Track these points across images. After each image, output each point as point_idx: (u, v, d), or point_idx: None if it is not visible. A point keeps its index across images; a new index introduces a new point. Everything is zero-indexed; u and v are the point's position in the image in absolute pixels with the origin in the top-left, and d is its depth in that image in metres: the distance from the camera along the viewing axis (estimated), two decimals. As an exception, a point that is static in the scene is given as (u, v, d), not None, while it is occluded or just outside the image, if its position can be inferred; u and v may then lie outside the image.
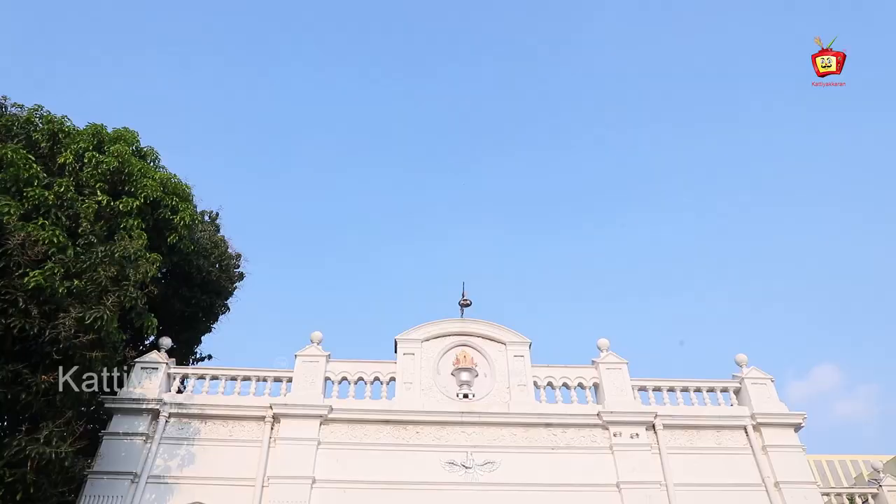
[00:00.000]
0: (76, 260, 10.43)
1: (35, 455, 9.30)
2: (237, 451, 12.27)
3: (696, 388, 14.24)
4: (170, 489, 11.74)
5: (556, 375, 14.03)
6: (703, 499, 12.42)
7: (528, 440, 12.89)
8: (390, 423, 12.83)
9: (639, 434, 13.05)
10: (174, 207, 13.36)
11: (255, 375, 13.48)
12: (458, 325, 14.56)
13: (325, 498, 11.75)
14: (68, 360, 10.00)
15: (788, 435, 13.48)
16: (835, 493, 17.29)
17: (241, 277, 17.24)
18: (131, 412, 12.40)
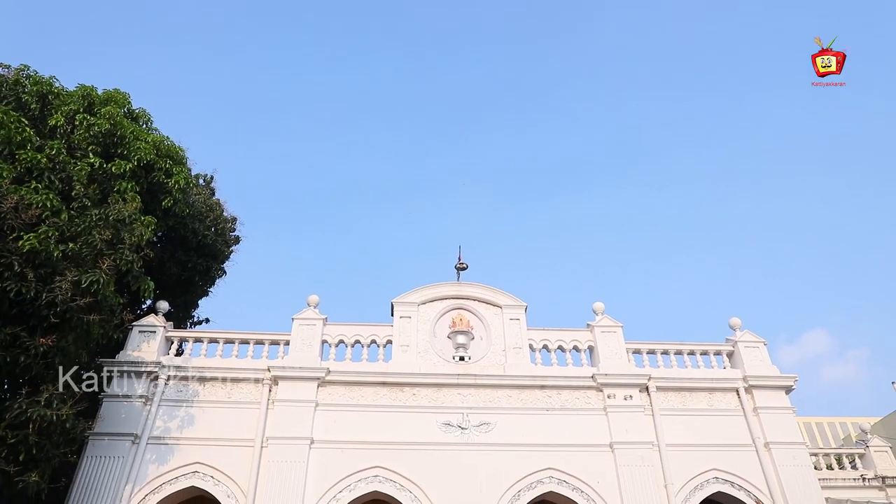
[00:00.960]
0: (70, 223, 10.37)
1: (36, 417, 9.40)
2: (236, 413, 12.43)
3: (689, 350, 14.42)
4: (170, 450, 11.92)
5: (551, 338, 14.16)
6: (695, 458, 12.69)
7: (523, 402, 13.08)
8: (387, 385, 12.98)
9: (632, 396, 13.25)
10: (168, 170, 13.24)
11: (252, 338, 13.57)
12: (454, 289, 14.61)
13: (324, 458, 11.96)
14: (66, 323, 10.03)
15: (779, 397, 13.70)
16: (823, 454, 17.71)
17: (238, 241, 17.22)
18: (130, 374, 12.51)
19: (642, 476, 12.27)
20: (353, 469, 11.88)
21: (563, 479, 12.21)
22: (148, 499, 11.40)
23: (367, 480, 11.85)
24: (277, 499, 11.35)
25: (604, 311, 14.58)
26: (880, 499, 15.96)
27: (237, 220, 17.24)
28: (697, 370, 14.09)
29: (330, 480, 11.72)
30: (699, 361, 14.28)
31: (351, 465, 11.92)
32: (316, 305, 14.00)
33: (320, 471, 11.80)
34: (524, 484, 12.05)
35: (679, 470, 12.51)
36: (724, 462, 12.76)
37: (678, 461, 12.61)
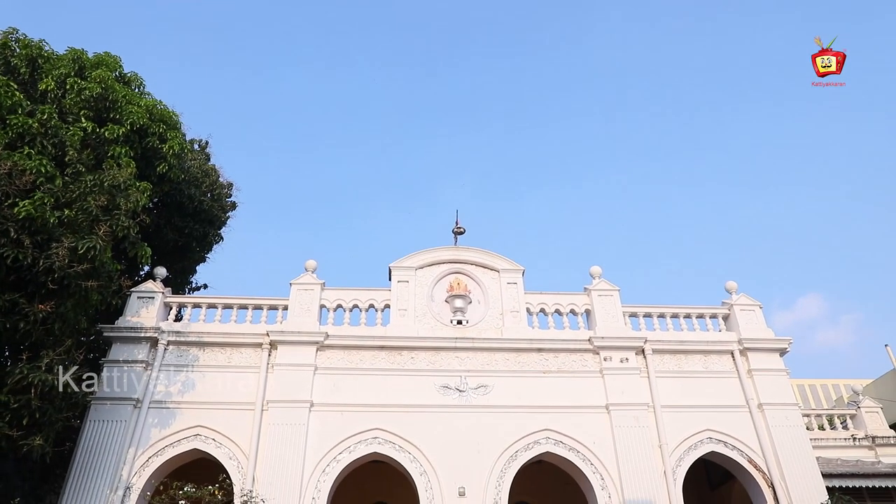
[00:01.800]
0: (65, 189, 10.31)
1: (38, 382, 9.49)
2: (236, 377, 12.56)
3: (685, 314, 14.51)
4: (172, 413, 12.07)
5: (548, 302, 14.24)
6: (689, 419, 12.89)
7: (520, 364, 13.21)
8: (385, 349, 13.09)
9: (628, 358, 13.39)
10: (162, 135, 13.09)
11: (251, 303, 13.62)
12: (451, 253, 14.62)
13: (323, 420, 12.13)
14: (64, 289, 10.05)
15: (774, 359, 13.85)
16: (815, 415, 18.02)
17: (234, 207, 17.15)
18: (130, 340, 12.60)
19: (637, 437, 12.48)
20: (353, 431, 12.07)
21: (560, 439, 12.42)
22: (151, 461, 11.59)
23: (367, 442, 12.04)
24: (279, 460, 11.55)
25: (601, 275, 14.63)
26: (870, 458, 16.30)
27: (233, 185, 17.16)
28: (693, 333, 14.22)
29: (330, 442, 11.91)
30: (695, 324, 14.40)
31: (350, 427, 12.10)
32: (314, 270, 14.02)
33: (320, 433, 11.98)
34: (521, 445, 12.26)
35: (674, 430, 12.71)
36: (718, 423, 12.96)
37: (673, 422, 12.80)
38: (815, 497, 11.77)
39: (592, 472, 12.17)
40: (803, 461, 12.55)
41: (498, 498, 11.69)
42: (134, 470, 11.44)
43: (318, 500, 11.39)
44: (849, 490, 12.13)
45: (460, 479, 11.74)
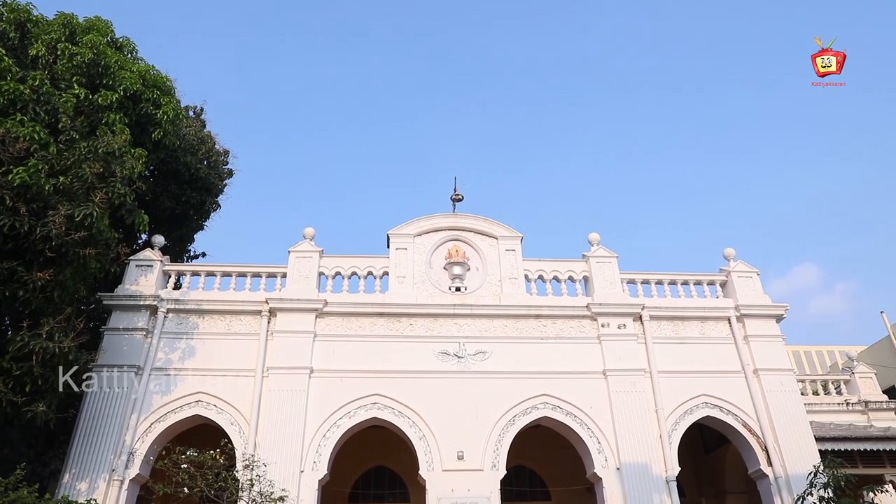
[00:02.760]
0: (59, 157, 10.21)
1: (39, 349, 9.54)
2: (236, 344, 12.64)
3: (683, 281, 14.56)
4: (173, 380, 12.17)
5: (546, 269, 14.27)
6: (685, 384, 13.04)
7: (518, 331, 13.30)
8: (384, 316, 13.15)
9: (626, 325, 13.47)
10: (156, 101, 12.92)
11: (249, 271, 13.64)
12: (450, 220, 14.59)
13: (323, 386, 12.24)
14: (62, 257, 10.03)
15: (770, 325, 13.95)
16: (809, 380, 18.23)
17: (231, 174, 17.04)
18: (129, 308, 12.64)
19: (634, 401, 12.63)
20: (353, 397, 12.20)
21: (557, 404, 12.57)
22: (154, 427, 11.74)
23: (367, 407, 12.18)
24: (279, 425, 11.70)
25: (599, 242, 14.64)
26: (862, 422, 16.56)
27: (229, 152, 17.01)
28: (690, 300, 14.28)
29: (330, 408, 12.05)
30: (692, 291, 14.46)
31: (350, 393, 12.22)
32: (312, 238, 14.00)
33: (320, 399, 12.11)
34: (519, 410, 12.42)
35: (670, 395, 12.87)
36: (714, 388, 13.12)
37: (669, 387, 12.95)
38: (807, 460, 11.96)
39: (589, 436, 12.36)
40: (797, 425, 12.74)
41: (496, 461, 11.88)
42: (137, 435, 11.58)
43: (318, 463, 11.57)
44: (841, 453, 12.33)
45: (459, 443, 11.91)
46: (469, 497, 11.49)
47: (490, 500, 11.54)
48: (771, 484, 12.29)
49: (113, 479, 11.12)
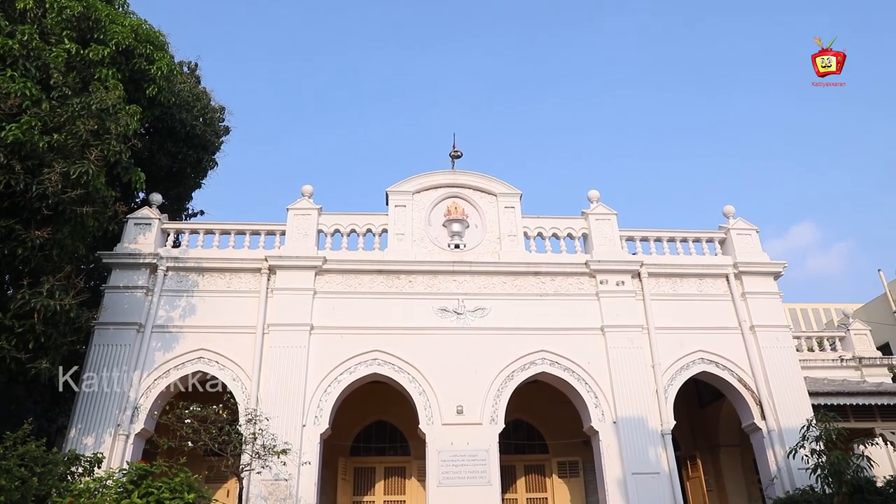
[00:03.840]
0: (52, 113, 10.07)
1: (40, 307, 9.59)
2: (236, 302, 12.70)
3: (682, 238, 14.56)
4: (174, 338, 12.27)
5: (545, 226, 14.25)
6: (682, 341, 13.16)
7: (517, 287, 13.35)
8: (383, 273, 13.19)
9: (624, 282, 13.53)
10: (149, 56, 12.67)
11: (248, 229, 13.62)
12: (449, 177, 14.50)
13: (324, 342, 12.36)
14: (59, 215, 10.00)
15: (768, 283, 14.01)
16: (805, 337, 18.43)
17: (227, 131, 16.85)
18: (129, 266, 12.66)
19: (631, 357, 12.78)
20: (353, 353, 12.32)
21: (555, 360, 12.72)
22: (157, 383, 11.89)
23: (367, 363, 12.32)
24: (281, 381, 11.85)
25: (599, 199, 14.58)
26: (855, 377, 16.81)
27: (225, 109, 16.80)
28: (689, 257, 14.31)
29: (331, 364, 12.18)
30: (691, 248, 14.47)
31: (350, 349, 12.35)
32: (310, 195, 13.93)
33: (321, 355, 12.24)
34: (518, 365, 12.57)
35: (666, 351, 13.01)
36: (710, 344, 13.25)
37: (666, 343, 13.08)
38: (800, 414, 12.17)
39: (587, 391, 12.54)
40: (791, 380, 12.91)
41: (495, 415, 12.08)
42: (141, 391, 11.74)
43: (320, 418, 11.77)
44: (834, 407, 12.53)
45: (458, 397, 12.09)
46: (468, 450, 11.73)
47: (489, 452, 11.77)
48: (764, 437, 12.52)
49: (118, 434, 11.32)
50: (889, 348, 23.69)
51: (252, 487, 10.88)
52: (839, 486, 10.32)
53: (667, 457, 12.05)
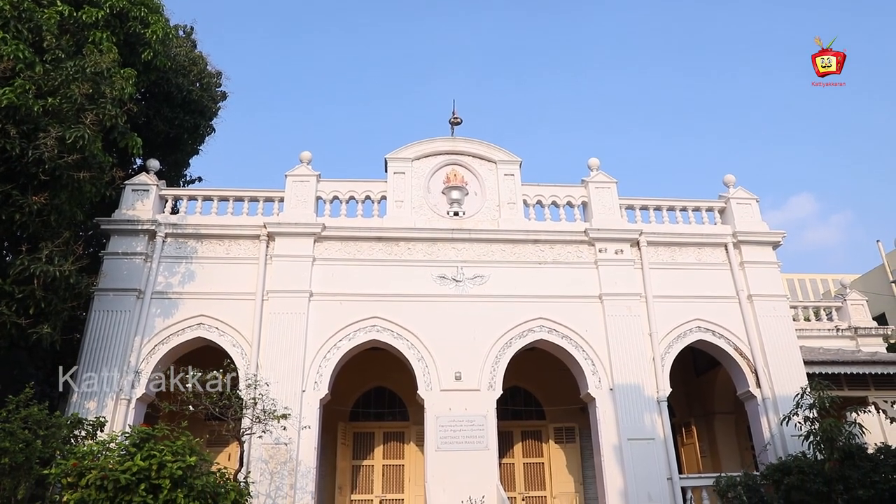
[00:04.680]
0: (46, 77, 9.94)
1: (39, 273, 9.61)
2: (235, 268, 12.71)
3: (681, 207, 14.52)
4: (174, 304, 12.32)
5: (545, 194, 14.20)
6: (680, 309, 13.22)
7: (516, 255, 13.36)
8: (382, 240, 13.18)
9: (623, 250, 13.53)
10: (144, 20, 12.44)
11: (247, 195, 13.56)
12: (448, 144, 14.39)
13: (323, 309, 12.41)
14: (56, 181, 9.95)
15: (766, 252, 14.02)
16: (802, 307, 18.52)
17: (224, 97, 16.66)
18: (128, 233, 12.64)
19: (629, 325, 12.85)
20: (352, 319, 12.38)
21: (553, 327, 12.79)
22: (157, 349, 11.97)
23: (366, 330, 12.39)
24: (281, 347, 11.94)
25: (599, 168, 14.50)
26: (851, 347, 16.95)
27: (222, 74, 16.57)
28: (689, 226, 14.29)
29: (330, 330, 12.25)
30: (691, 217, 14.45)
31: (349, 315, 12.41)
32: (309, 162, 13.85)
33: (320, 321, 12.30)
34: (516, 332, 12.65)
35: (664, 320, 13.08)
36: (708, 313, 13.31)
37: (664, 312, 13.14)
38: (795, 382, 12.29)
39: (584, 359, 12.64)
40: (787, 349, 13.01)
41: (493, 382, 12.21)
42: (142, 357, 11.83)
43: (319, 383, 11.89)
44: (828, 376, 12.64)
45: (457, 364, 12.19)
46: (466, 415, 11.88)
47: (486, 418, 11.92)
48: (759, 405, 12.67)
49: (120, 399, 11.43)
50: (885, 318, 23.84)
51: (253, 451, 11.05)
52: (831, 453, 10.49)
53: (662, 423, 12.21)
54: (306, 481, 11.14)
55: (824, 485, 10.20)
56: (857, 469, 10.40)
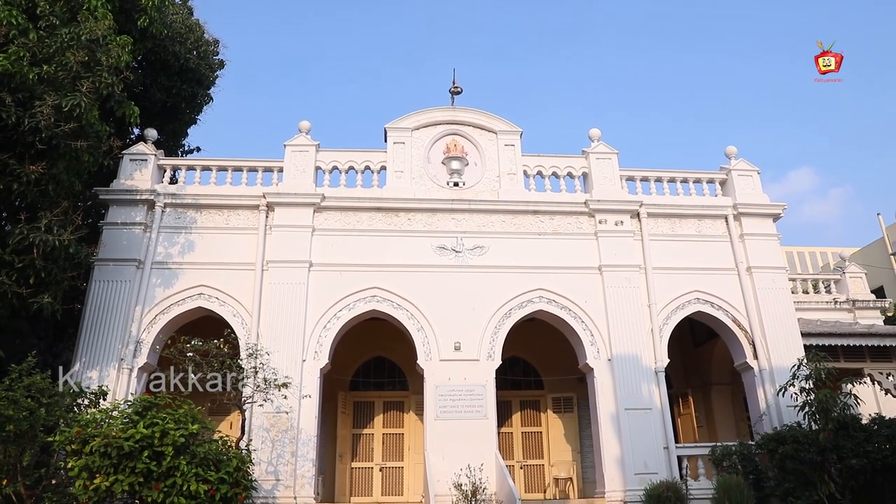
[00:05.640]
0: (41, 44, 9.81)
1: (39, 242, 9.60)
2: (235, 239, 12.70)
3: (682, 178, 14.46)
4: (174, 274, 12.34)
5: (545, 164, 14.11)
6: (679, 281, 13.25)
7: (516, 226, 13.34)
8: (382, 211, 13.14)
9: (623, 222, 13.50)
10: (139, -15, 12.21)
11: (245, 165, 13.49)
12: (448, 114, 14.26)
13: (323, 279, 12.43)
14: (53, 150, 9.89)
15: (767, 224, 13.99)
16: (801, 279, 18.59)
17: (222, 65, 16.43)
18: (126, 203, 12.60)
19: (628, 296, 12.89)
20: (352, 290, 12.42)
21: (553, 298, 12.83)
22: (158, 318, 12.03)
23: (366, 300, 12.44)
24: (281, 317, 11.98)
25: (600, 138, 14.39)
26: (848, 319, 17.06)
27: (219, 42, 16.32)
28: (689, 197, 14.24)
29: (330, 300, 12.29)
30: (691, 189, 14.39)
31: (349, 286, 12.43)
32: (307, 131, 13.73)
33: (320, 292, 12.33)
34: (515, 303, 12.69)
35: (663, 291, 13.11)
36: (707, 285, 13.34)
37: (663, 283, 13.17)
38: (792, 354, 12.36)
39: (583, 329, 12.71)
40: (785, 321, 13.07)
41: (492, 352, 12.29)
42: (143, 327, 11.89)
43: (320, 353, 11.96)
44: (824, 348, 12.72)
45: (456, 334, 12.26)
46: (465, 385, 11.98)
47: (485, 387, 12.03)
48: (755, 376, 12.78)
49: (122, 368, 11.53)
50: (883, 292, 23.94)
51: (255, 419, 11.17)
52: (825, 423, 10.63)
53: (659, 393, 12.33)
54: (307, 449, 11.29)
55: (818, 454, 10.35)
56: (850, 439, 10.55)
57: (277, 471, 11.02)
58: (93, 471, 8.00)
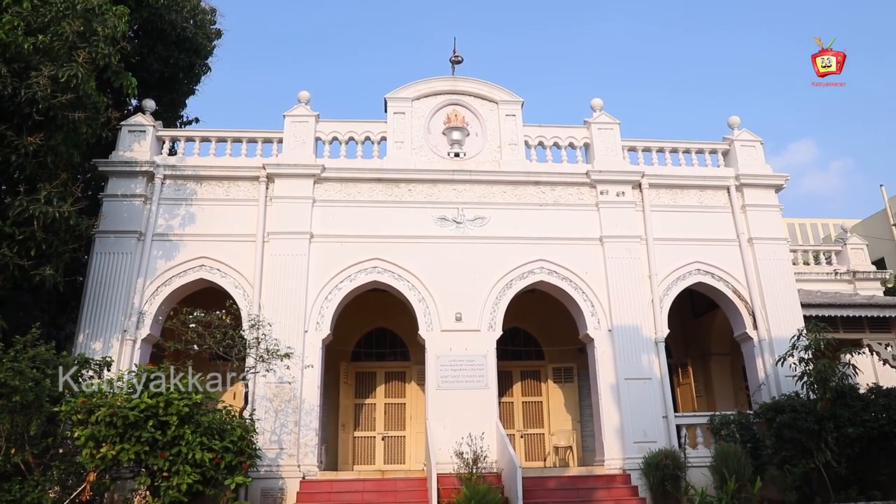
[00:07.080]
0: (35, 13, 9.68)
1: (39, 214, 9.60)
2: (235, 210, 12.66)
3: (685, 149, 14.35)
4: (175, 246, 12.34)
5: (547, 135, 14.00)
6: (680, 252, 13.25)
7: (517, 197, 13.29)
8: (382, 182, 13.08)
9: (625, 192, 13.44)
10: (133, -48, 11.98)
11: (245, 136, 13.39)
12: (448, 84, 14.11)
13: (324, 251, 12.44)
14: (51, 121, 9.81)
15: (769, 195, 13.94)
16: (802, 251, 18.57)
17: (219, 35, 16.19)
18: (126, 175, 12.55)
19: (629, 267, 12.90)
20: (353, 261, 12.43)
21: (553, 269, 12.85)
22: (160, 290, 12.07)
23: (367, 271, 12.46)
24: (282, 288, 12.02)
25: (602, 108, 14.24)
26: (848, 290, 17.10)
27: (216, 11, 16.05)
28: (691, 168, 14.16)
29: (331, 271, 12.32)
30: (693, 160, 14.29)
31: (350, 257, 12.44)
32: (307, 102, 13.60)
33: (321, 263, 12.35)
34: (516, 274, 12.71)
35: (664, 262, 13.12)
36: (708, 255, 13.34)
37: (664, 254, 13.17)
38: (792, 325, 12.42)
39: (584, 300, 12.75)
40: (785, 292, 13.10)
41: (493, 322, 12.35)
42: (145, 298, 11.93)
43: (321, 324, 12.03)
44: (824, 319, 12.77)
45: (457, 305, 12.31)
46: (466, 355, 12.06)
47: (486, 358, 12.12)
48: (755, 346, 12.85)
49: (125, 339, 11.60)
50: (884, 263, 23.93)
51: (258, 390, 11.28)
52: (823, 392, 10.73)
53: (659, 363, 12.42)
54: (310, 418, 11.43)
55: (815, 423, 10.47)
56: (848, 408, 10.66)
57: (281, 440, 11.17)
58: (99, 440, 8.12)
